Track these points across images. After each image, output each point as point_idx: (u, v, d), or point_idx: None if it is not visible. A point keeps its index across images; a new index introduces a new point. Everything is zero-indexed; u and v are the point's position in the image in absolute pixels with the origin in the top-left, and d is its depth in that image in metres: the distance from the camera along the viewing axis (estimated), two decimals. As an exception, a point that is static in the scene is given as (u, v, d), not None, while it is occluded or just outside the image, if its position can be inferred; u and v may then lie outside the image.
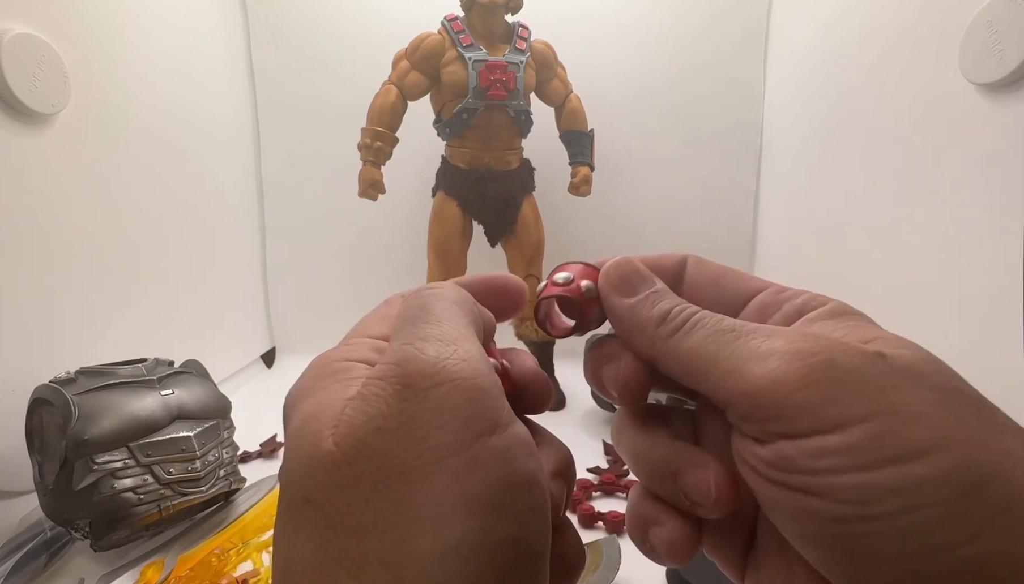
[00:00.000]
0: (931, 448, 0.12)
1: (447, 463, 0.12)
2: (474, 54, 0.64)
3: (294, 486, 0.13)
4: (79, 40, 0.52)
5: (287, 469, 0.14)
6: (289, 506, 0.13)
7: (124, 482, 0.38)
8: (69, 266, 0.52)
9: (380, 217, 0.80)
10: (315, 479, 0.13)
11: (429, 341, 0.14)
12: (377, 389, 0.13)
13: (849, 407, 0.13)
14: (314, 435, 0.13)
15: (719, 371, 0.15)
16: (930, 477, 0.12)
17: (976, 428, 0.13)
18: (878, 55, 0.61)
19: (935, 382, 0.14)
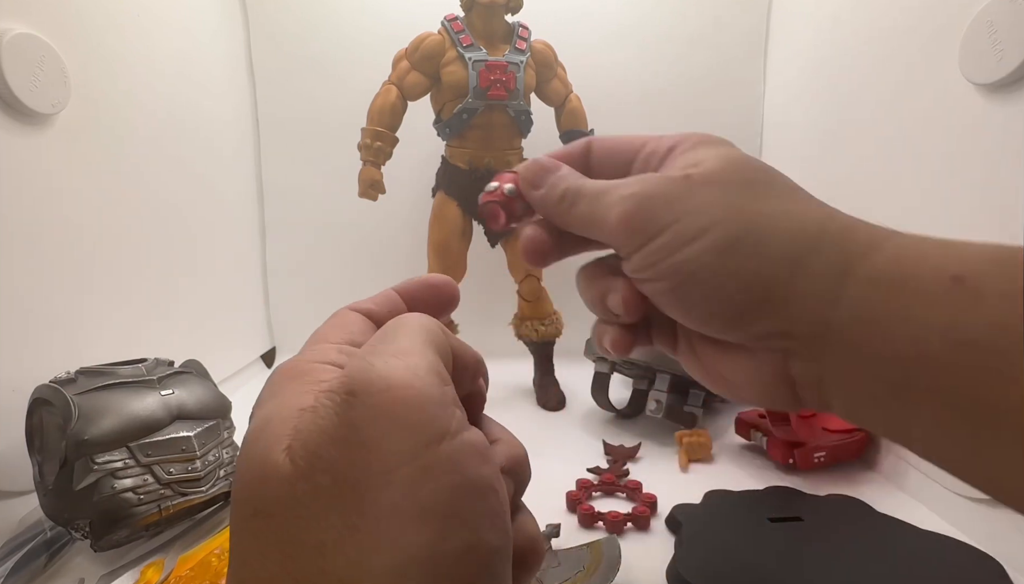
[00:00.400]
0: (706, 229, 0.19)
1: (398, 473, 0.12)
2: (474, 54, 0.64)
3: (244, 498, 0.13)
4: (79, 40, 0.52)
5: (237, 479, 0.13)
6: (240, 519, 0.13)
7: (124, 482, 0.38)
8: (69, 266, 0.52)
9: (380, 217, 0.80)
10: (268, 492, 0.13)
11: (379, 355, 0.14)
12: (327, 400, 0.13)
13: (659, 222, 0.19)
14: (265, 446, 0.13)
15: (598, 225, 0.21)
16: (703, 250, 0.19)
17: (741, 206, 0.19)
18: (878, 55, 0.61)
19: (723, 179, 0.20)
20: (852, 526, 0.44)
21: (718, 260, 0.19)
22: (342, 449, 0.12)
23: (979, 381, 0.15)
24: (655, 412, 0.59)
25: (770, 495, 0.48)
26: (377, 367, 0.13)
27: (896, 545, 0.41)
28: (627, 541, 0.43)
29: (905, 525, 0.44)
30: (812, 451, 0.52)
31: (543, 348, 0.73)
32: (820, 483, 0.51)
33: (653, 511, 0.46)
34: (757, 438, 0.57)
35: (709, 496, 0.47)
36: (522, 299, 0.72)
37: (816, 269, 0.18)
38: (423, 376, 0.13)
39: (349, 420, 0.13)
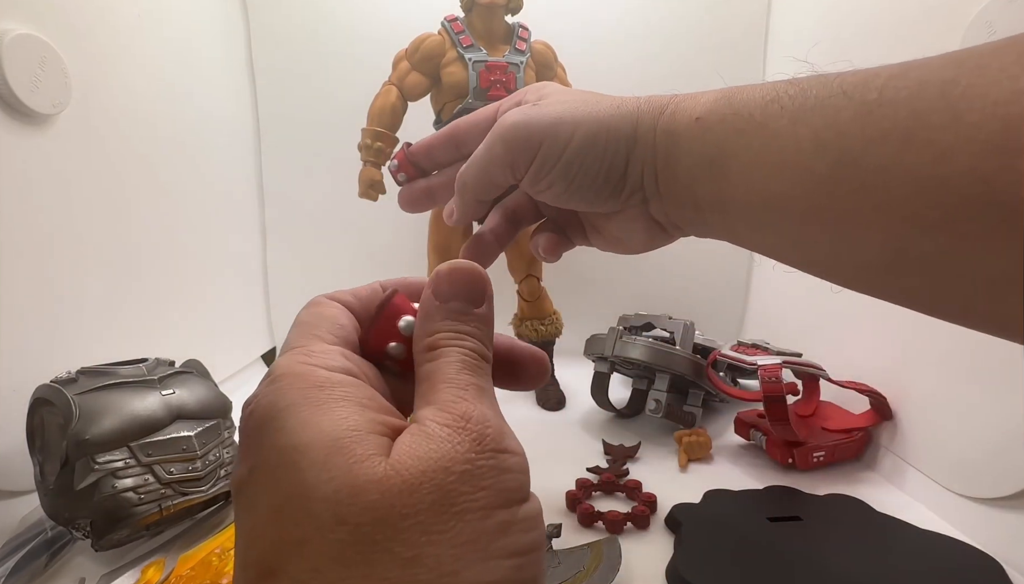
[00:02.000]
0: (572, 134, 0.25)
1: (497, 514, 0.14)
2: (474, 55, 0.64)
3: (321, 506, 0.13)
4: (80, 41, 0.52)
5: (303, 487, 0.13)
6: (314, 529, 0.13)
7: (125, 482, 0.38)
8: (70, 266, 0.52)
9: (380, 217, 0.80)
10: (362, 501, 0.13)
11: (491, 410, 0.16)
12: (446, 433, 0.15)
13: (528, 149, 0.26)
14: (354, 455, 0.13)
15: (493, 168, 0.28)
16: (577, 147, 0.26)
17: (587, 110, 0.26)
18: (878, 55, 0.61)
19: (567, 95, 0.27)
20: (851, 526, 0.44)
21: (585, 159, 0.25)
22: (455, 479, 0.14)
23: (715, 174, 0.23)
24: (655, 412, 0.59)
25: (769, 495, 0.49)
26: (504, 430, 0.16)
27: (895, 545, 0.41)
28: (627, 541, 0.43)
29: (905, 525, 0.44)
30: (811, 451, 0.52)
31: (543, 348, 0.72)
32: (819, 483, 0.51)
33: (653, 510, 0.46)
34: (756, 438, 0.57)
35: (708, 496, 0.47)
36: (522, 299, 0.72)
37: (640, 137, 0.25)
38: (521, 448, 0.16)
39: (468, 459, 0.14)
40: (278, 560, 0.13)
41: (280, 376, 0.15)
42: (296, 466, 0.13)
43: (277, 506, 0.13)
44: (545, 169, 0.26)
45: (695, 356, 0.60)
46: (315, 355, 0.16)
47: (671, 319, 0.65)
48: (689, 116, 0.24)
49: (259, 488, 0.14)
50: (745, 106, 0.23)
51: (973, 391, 0.46)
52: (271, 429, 0.14)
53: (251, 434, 0.15)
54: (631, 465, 0.55)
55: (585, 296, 0.86)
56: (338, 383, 0.15)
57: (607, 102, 0.26)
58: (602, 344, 0.64)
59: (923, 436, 0.51)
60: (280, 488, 0.14)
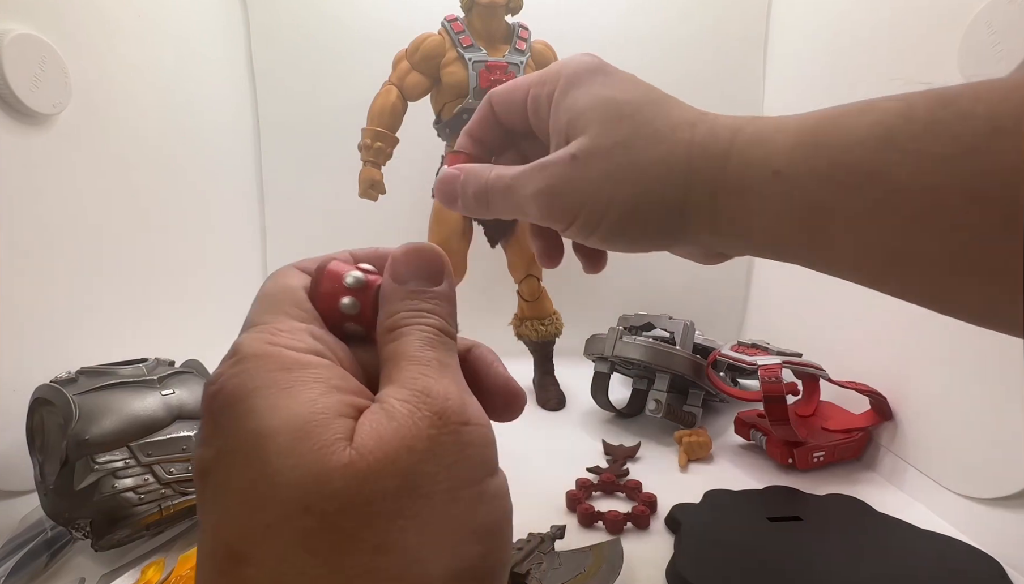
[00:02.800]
0: (607, 208, 0.24)
1: (463, 493, 0.14)
2: (474, 55, 0.64)
3: (289, 495, 0.13)
4: (80, 41, 0.52)
5: (271, 477, 0.13)
6: (282, 516, 0.12)
7: (125, 482, 0.38)
8: (70, 266, 0.52)
9: (380, 217, 0.80)
10: (327, 489, 0.12)
11: (454, 383, 0.15)
12: (407, 410, 0.14)
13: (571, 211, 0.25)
14: (320, 440, 0.13)
15: (524, 216, 0.27)
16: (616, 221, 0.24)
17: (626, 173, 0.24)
18: (877, 55, 0.61)
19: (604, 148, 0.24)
20: (851, 526, 0.44)
21: (628, 226, 0.24)
22: (419, 459, 0.13)
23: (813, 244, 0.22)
24: (655, 412, 0.59)
25: (769, 495, 0.49)
26: (456, 399, 0.15)
27: (895, 545, 0.41)
28: (627, 541, 0.43)
29: (904, 525, 0.44)
30: (811, 451, 0.52)
31: (543, 348, 0.73)
32: (819, 483, 0.51)
33: (653, 510, 0.46)
34: (756, 438, 0.57)
35: (708, 496, 0.47)
36: (522, 299, 0.72)
37: (694, 203, 0.23)
38: (486, 418, 0.15)
39: (430, 437, 0.14)
40: (245, 546, 0.13)
41: (246, 356, 0.15)
42: (263, 451, 0.13)
43: (244, 491, 0.13)
44: (583, 235, 0.25)
45: (695, 356, 0.60)
46: (281, 334, 0.15)
47: (671, 319, 0.65)
48: (764, 169, 0.21)
49: (227, 472, 0.13)
50: (845, 153, 0.19)
51: (973, 391, 0.46)
52: (238, 412, 0.14)
53: (216, 416, 0.14)
54: (631, 465, 0.55)
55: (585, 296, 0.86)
56: (306, 364, 0.15)
57: (653, 152, 0.23)
58: (602, 344, 0.64)
59: (923, 436, 0.51)
60: (247, 473, 0.13)
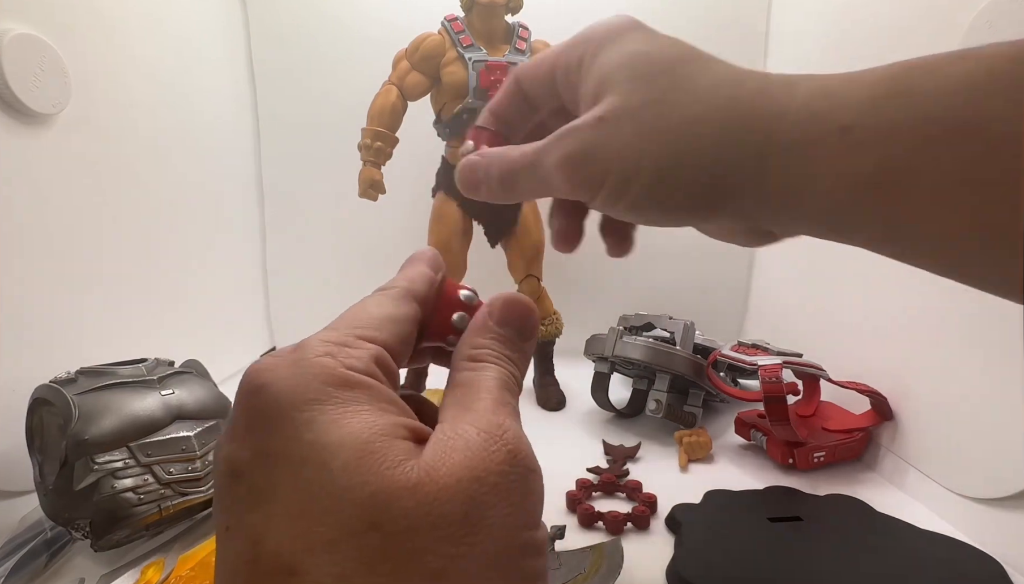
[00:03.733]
0: (637, 173, 0.21)
1: (520, 535, 0.14)
2: (474, 54, 0.64)
3: (355, 512, 0.13)
4: (80, 40, 0.52)
5: (333, 488, 0.13)
6: (347, 532, 0.13)
7: (124, 482, 0.38)
8: (70, 266, 0.52)
9: (380, 217, 0.80)
10: (395, 508, 0.13)
11: (524, 435, 0.16)
12: (483, 440, 0.15)
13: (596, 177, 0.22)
14: (387, 460, 0.13)
15: (550, 191, 0.25)
16: (645, 187, 0.21)
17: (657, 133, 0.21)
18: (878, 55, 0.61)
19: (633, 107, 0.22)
20: (852, 526, 0.44)
21: (660, 191, 0.21)
22: (487, 492, 0.14)
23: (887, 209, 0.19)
24: (655, 412, 0.59)
25: (770, 495, 0.49)
26: (533, 453, 0.16)
27: (896, 545, 0.41)
28: (627, 541, 0.43)
29: (905, 525, 0.44)
30: (811, 451, 0.52)
31: (543, 348, 0.73)
32: (820, 483, 0.51)
33: (653, 511, 0.46)
34: (757, 438, 0.57)
35: (709, 496, 0.47)
36: (522, 299, 0.72)
37: (738, 162, 0.20)
38: (539, 470, 0.16)
39: (503, 473, 0.14)
40: (300, 560, 0.13)
41: (306, 361, 0.15)
42: (326, 466, 0.13)
43: (301, 503, 0.13)
44: (611, 202, 0.22)
45: (695, 356, 0.60)
46: (347, 351, 0.16)
47: (671, 319, 0.65)
48: (829, 123, 0.19)
49: (271, 478, 0.13)
50: (936, 104, 0.17)
51: (974, 391, 0.46)
52: (295, 420, 0.14)
53: (258, 415, 0.14)
54: (631, 465, 0.55)
55: (585, 296, 0.86)
56: (363, 384, 0.15)
57: (690, 110, 0.20)
58: (602, 344, 0.64)
59: (923, 436, 0.51)
60: (307, 487, 0.13)
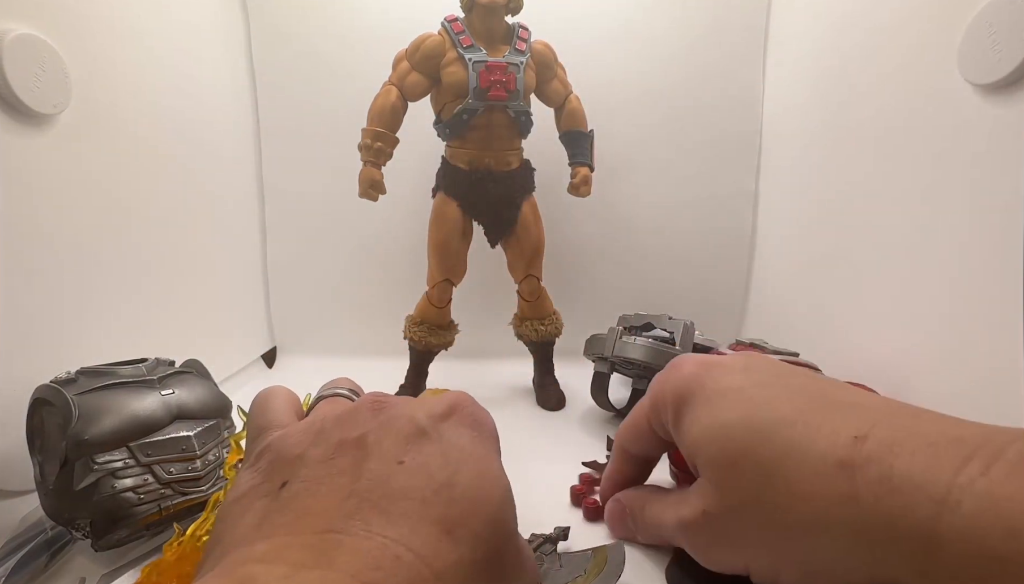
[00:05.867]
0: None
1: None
2: (474, 55, 0.64)
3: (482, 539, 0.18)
4: (81, 41, 0.52)
5: (508, 532, 0.20)
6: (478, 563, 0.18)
7: (124, 482, 0.38)
8: (70, 266, 0.52)
9: (380, 217, 0.80)
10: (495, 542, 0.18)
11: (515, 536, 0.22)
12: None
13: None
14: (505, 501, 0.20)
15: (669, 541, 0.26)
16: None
17: (774, 538, 0.20)
18: (877, 55, 0.61)
19: (736, 508, 0.22)
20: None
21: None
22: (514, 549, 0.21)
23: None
24: (655, 412, 0.59)
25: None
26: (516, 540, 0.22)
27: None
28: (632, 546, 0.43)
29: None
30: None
31: (543, 348, 0.73)
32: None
33: None
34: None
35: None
36: (522, 299, 0.72)
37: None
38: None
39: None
40: (456, 544, 0.17)
41: (481, 420, 0.24)
42: (489, 498, 0.19)
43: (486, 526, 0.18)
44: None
45: (695, 356, 0.60)
46: None
47: (671, 319, 0.65)
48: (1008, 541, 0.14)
49: (469, 487, 0.19)
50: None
51: (973, 392, 0.46)
52: (485, 476, 0.20)
53: (464, 436, 0.22)
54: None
55: (585, 296, 0.86)
56: None
57: (797, 512, 0.17)
58: (602, 344, 0.64)
59: (923, 436, 0.51)
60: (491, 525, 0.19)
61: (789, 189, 0.79)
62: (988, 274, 0.47)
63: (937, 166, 0.53)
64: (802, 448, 0.17)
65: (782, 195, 0.81)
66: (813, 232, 0.74)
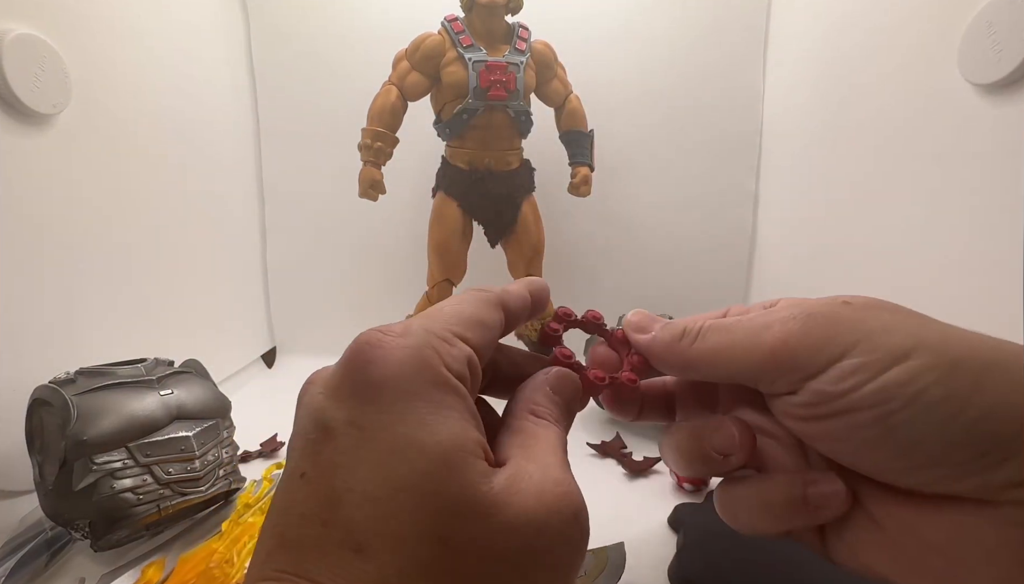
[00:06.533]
0: (910, 349, 0.16)
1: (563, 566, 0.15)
2: (474, 55, 0.64)
3: (428, 519, 0.13)
4: (80, 41, 0.52)
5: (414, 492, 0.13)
6: (416, 536, 0.13)
7: (123, 482, 0.38)
8: (69, 266, 0.52)
9: (380, 217, 0.80)
10: (466, 531, 0.13)
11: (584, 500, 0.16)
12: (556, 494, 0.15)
13: (844, 339, 0.16)
14: (466, 479, 0.14)
15: (739, 356, 0.18)
16: (920, 368, 0.15)
17: (932, 327, 0.17)
18: (877, 55, 0.61)
19: (890, 308, 0.18)
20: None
21: (938, 388, 0.15)
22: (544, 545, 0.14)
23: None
24: (655, 412, 0.59)
25: (770, 495, 0.48)
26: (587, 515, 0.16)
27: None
28: (629, 542, 0.43)
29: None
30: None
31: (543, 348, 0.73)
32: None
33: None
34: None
35: (712, 495, 0.47)
36: (522, 299, 0.72)
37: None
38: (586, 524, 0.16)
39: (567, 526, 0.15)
40: (370, 542, 0.13)
41: (413, 350, 0.15)
42: (412, 465, 0.14)
43: (383, 491, 0.13)
44: (839, 388, 0.17)
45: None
46: (447, 348, 0.16)
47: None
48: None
49: (362, 455, 0.14)
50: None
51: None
52: (392, 408, 0.14)
53: (365, 388, 0.15)
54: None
55: (585, 296, 0.86)
56: (454, 389, 0.16)
57: (960, 330, 0.16)
58: (602, 344, 0.64)
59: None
60: (387, 477, 0.14)
61: (789, 189, 0.79)
62: (988, 273, 0.47)
63: (937, 166, 0.53)
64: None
65: (782, 195, 0.81)
66: (813, 232, 0.74)
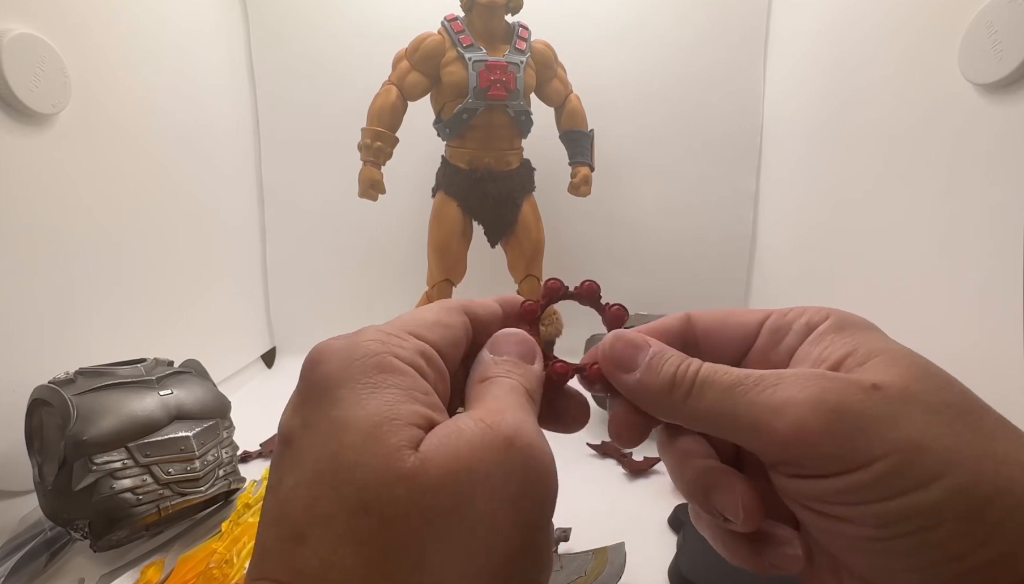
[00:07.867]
0: (938, 475, 0.14)
1: (512, 536, 0.14)
2: (474, 54, 0.64)
3: (351, 493, 0.13)
4: (80, 40, 0.52)
5: (337, 466, 0.13)
6: (340, 510, 0.13)
7: (123, 482, 0.38)
8: (69, 266, 0.52)
9: (380, 217, 0.80)
10: (388, 494, 0.13)
11: (530, 420, 0.16)
12: (480, 428, 0.14)
13: (866, 448, 0.15)
14: (388, 445, 0.14)
15: (742, 427, 0.16)
16: (941, 500, 0.14)
17: (972, 443, 0.15)
18: (877, 55, 0.61)
19: (928, 402, 0.15)
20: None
21: (960, 517, 0.14)
22: (480, 483, 0.14)
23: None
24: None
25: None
26: (539, 436, 0.15)
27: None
28: (629, 541, 0.43)
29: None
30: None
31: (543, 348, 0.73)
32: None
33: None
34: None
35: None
36: (522, 299, 0.72)
37: None
38: (554, 465, 0.15)
39: (498, 462, 0.14)
40: (308, 528, 0.13)
41: (357, 343, 0.16)
42: (338, 443, 0.14)
43: (315, 475, 0.14)
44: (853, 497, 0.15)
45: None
46: (396, 340, 0.16)
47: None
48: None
49: (307, 449, 0.14)
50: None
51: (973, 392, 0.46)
52: (330, 396, 0.15)
53: (311, 387, 0.15)
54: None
55: (585, 296, 0.86)
56: (398, 369, 0.15)
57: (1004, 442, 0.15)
58: (602, 344, 0.64)
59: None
60: (321, 459, 0.14)
61: (789, 189, 0.79)
62: (988, 272, 0.47)
63: (937, 166, 0.53)
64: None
65: (782, 195, 0.81)
66: (813, 232, 0.74)
